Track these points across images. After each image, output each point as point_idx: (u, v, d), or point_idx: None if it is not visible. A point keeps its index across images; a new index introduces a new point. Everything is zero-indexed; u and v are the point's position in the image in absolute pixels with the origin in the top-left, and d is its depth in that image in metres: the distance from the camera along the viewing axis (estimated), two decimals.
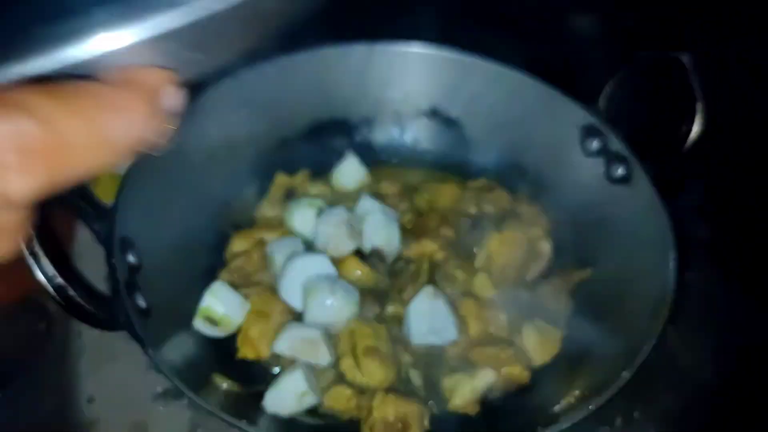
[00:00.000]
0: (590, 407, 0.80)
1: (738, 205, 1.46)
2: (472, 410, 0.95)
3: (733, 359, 1.17)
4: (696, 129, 0.97)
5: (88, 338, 1.10)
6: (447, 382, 0.96)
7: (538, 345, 0.98)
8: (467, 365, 0.99)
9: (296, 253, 1.03)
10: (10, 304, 1.19)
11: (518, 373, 0.95)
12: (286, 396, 0.90)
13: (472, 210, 1.17)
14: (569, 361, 0.99)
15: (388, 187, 1.23)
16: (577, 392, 0.89)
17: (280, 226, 1.13)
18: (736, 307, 1.26)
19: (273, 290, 1.03)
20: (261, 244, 1.07)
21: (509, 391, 0.98)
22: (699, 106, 0.97)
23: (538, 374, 0.99)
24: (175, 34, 0.44)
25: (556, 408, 0.89)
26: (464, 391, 0.94)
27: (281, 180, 1.23)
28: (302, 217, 1.11)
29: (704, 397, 1.11)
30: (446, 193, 1.21)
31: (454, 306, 1.01)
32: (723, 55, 1.14)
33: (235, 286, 1.03)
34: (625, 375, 0.81)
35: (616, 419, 1.07)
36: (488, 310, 1.01)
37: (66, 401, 1.08)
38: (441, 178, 1.28)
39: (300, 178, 1.24)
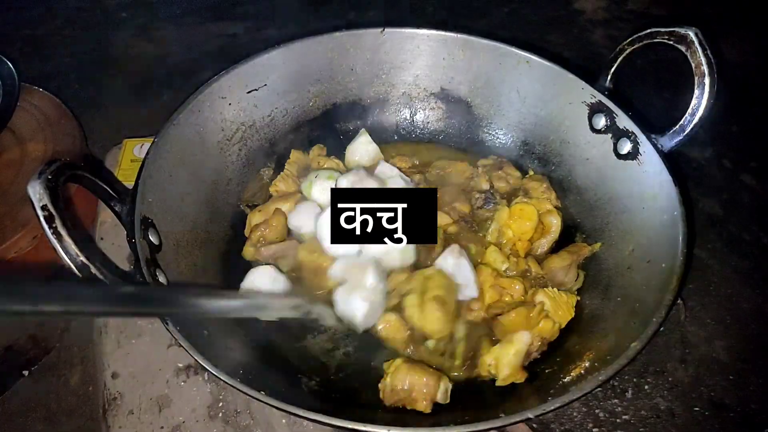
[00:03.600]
0: (600, 378, 0.79)
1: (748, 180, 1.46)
2: (521, 378, 0.94)
3: (741, 334, 1.18)
4: (705, 103, 0.96)
5: None
6: (488, 357, 0.95)
7: (552, 311, 0.99)
8: (500, 335, 0.99)
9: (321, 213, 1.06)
10: None
11: (550, 327, 0.96)
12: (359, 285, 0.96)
13: (484, 186, 1.19)
14: (579, 334, 1.00)
15: (400, 163, 1.24)
16: (586, 364, 0.90)
17: (292, 196, 1.15)
18: (745, 283, 1.27)
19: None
20: (278, 213, 1.10)
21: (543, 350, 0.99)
22: (708, 80, 0.95)
23: (550, 347, 0.99)
24: None
25: (566, 379, 0.89)
26: (509, 360, 0.93)
27: (296, 156, 1.25)
28: (321, 188, 1.13)
29: (713, 371, 1.12)
30: (458, 170, 1.22)
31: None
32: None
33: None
34: (635, 346, 0.81)
35: (627, 392, 1.09)
36: (503, 280, 1.02)
37: (91, 377, 1.12)
38: (452, 157, 1.29)
39: (315, 153, 1.26)
